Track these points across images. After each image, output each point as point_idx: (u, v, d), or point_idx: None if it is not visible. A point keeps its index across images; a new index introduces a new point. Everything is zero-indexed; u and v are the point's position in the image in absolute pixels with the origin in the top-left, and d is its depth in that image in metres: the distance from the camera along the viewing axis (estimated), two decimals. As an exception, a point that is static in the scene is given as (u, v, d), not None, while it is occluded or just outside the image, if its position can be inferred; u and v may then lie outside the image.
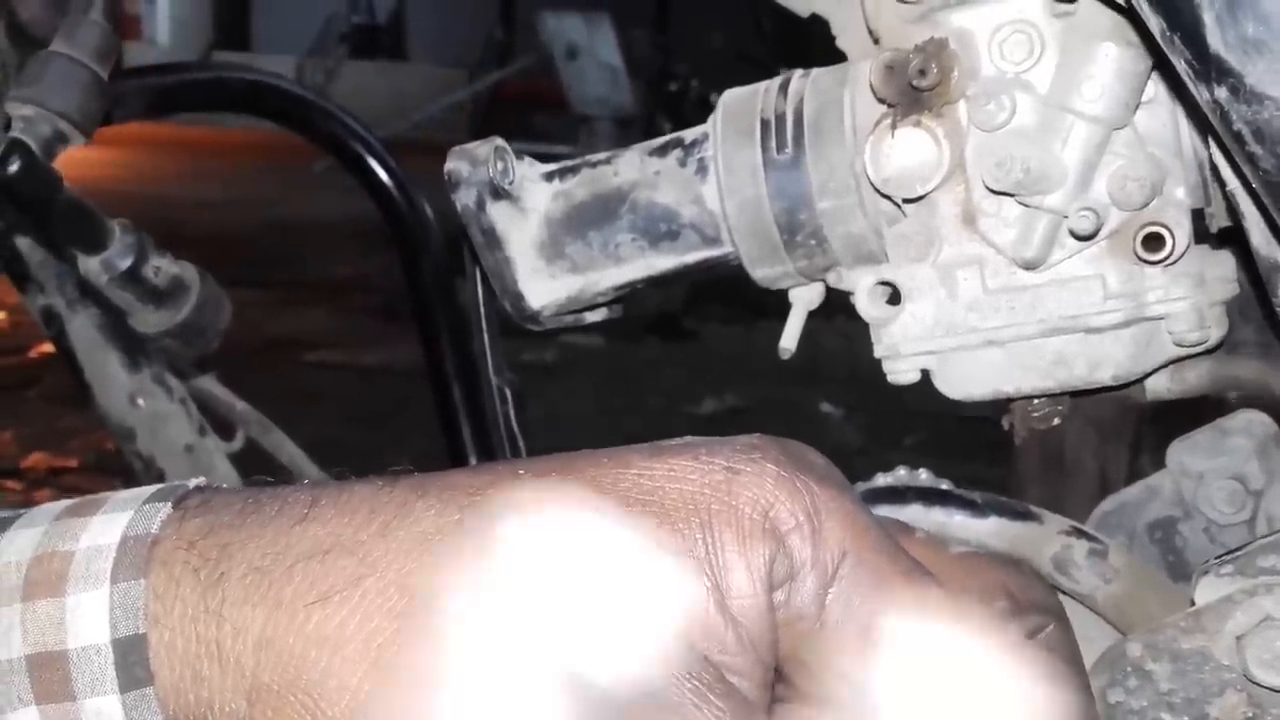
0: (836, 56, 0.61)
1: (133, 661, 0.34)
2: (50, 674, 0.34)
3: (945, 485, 0.59)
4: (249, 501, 0.36)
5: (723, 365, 4.74)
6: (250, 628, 0.33)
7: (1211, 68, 0.37)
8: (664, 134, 0.63)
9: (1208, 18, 0.36)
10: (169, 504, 0.36)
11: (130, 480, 1.08)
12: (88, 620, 0.34)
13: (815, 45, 0.64)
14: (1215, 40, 0.37)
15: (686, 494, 0.35)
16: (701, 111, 0.61)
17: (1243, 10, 0.36)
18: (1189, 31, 0.37)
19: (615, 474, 0.35)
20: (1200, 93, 0.38)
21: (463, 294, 1.06)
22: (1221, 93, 0.37)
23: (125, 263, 0.72)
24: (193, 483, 0.37)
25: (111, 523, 0.35)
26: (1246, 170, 0.39)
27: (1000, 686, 0.34)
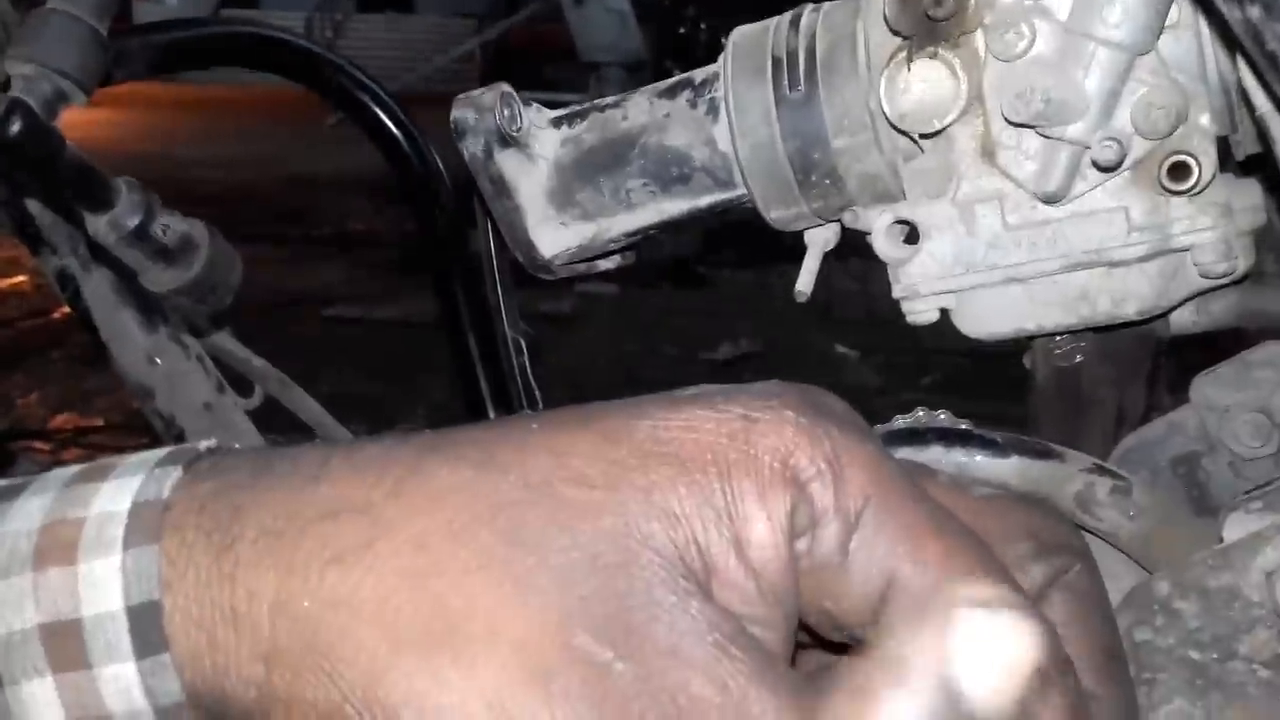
0: None
1: (147, 628, 0.33)
2: (64, 642, 0.34)
3: (965, 425, 0.58)
4: (260, 463, 0.36)
5: (738, 310, 4.73)
6: (264, 591, 0.33)
7: (1242, -14, 0.36)
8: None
9: (1237, -66, 0.35)
10: (180, 467, 0.35)
11: (154, 438, 1.08)
12: (101, 587, 0.34)
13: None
14: (1246, -43, 0.35)
15: (704, 444, 0.34)
16: (711, 55, 0.60)
17: (1274, -75, 0.35)
18: (1218, -51, 0.36)
19: (631, 426, 0.34)
20: (1231, 12, 0.36)
21: (476, 245, 1.05)
22: (1254, 11, 0.35)
23: (133, 221, 0.72)
24: (203, 445, 0.37)
25: (122, 488, 0.35)
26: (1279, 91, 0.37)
27: (1017, 636, 0.34)
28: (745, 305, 4.65)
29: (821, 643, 0.39)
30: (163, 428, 1.00)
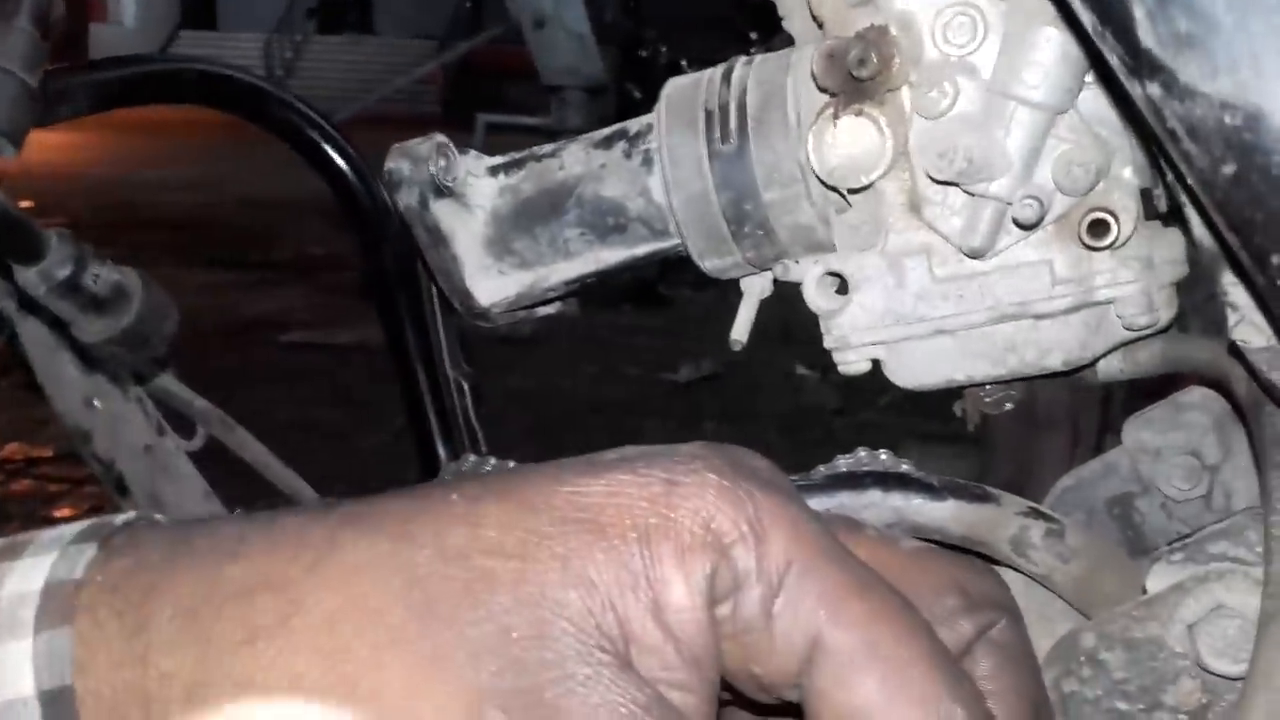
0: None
1: (60, 713, 0.33)
2: None
3: (905, 467, 0.58)
4: (177, 538, 0.35)
5: (698, 331, 4.74)
6: (179, 672, 0.33)
7: (1143, 63, 0.36)
8: (634, 102, 0.62)
9: (1138, 12, 0.36)
10: (94, 544, 0.35)
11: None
12: (13, 671, 0.33)
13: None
14: (1147, 35, 0.36)
15: (624, 509, 0.34)
16: (672, 77, 0.60)
17: (1174, 5, 0.35)
18: (1120, 26, 0.37)
19: (549, 493, 0.34)
20: (1133, 88, 0.37)
21: (424, 279, 1.05)
22: (1154, 89, 0.36)
23: (63, 272, 0.71)
24: (120, 519, 0.37)
25: (35, 567, 0.35)
26: (1182, 167, 0.38)
27: (939, 699, 0.34)
28: (706, 326, 4.67)
29: (750, 704, 0.39)
30: (102, 471, 0.98)
